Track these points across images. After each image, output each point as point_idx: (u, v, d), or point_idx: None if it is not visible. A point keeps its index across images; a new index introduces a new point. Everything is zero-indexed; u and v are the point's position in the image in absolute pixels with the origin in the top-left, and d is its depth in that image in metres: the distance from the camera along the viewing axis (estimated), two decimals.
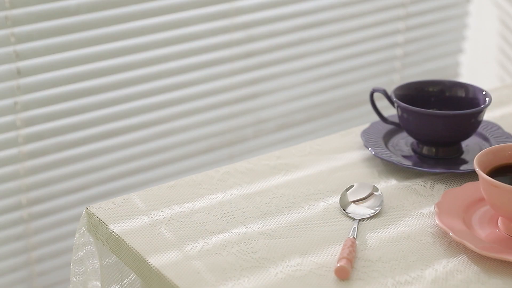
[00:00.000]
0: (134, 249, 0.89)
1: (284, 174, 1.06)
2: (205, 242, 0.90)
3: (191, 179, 1.04)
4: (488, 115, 1.20)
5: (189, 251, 0.89)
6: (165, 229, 0.93)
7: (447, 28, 2.05)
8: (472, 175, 1.03)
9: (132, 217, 0.95)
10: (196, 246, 0.90)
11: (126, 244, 0.90)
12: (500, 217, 0.92)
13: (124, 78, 1.62)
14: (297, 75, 1.86)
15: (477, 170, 0.89)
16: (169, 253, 0.88)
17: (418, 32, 2.00)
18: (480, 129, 1.12)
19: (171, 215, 0.96)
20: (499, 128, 1.12)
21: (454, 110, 1.09)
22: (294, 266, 0.86)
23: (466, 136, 1.07)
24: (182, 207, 0.98)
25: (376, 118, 1.35)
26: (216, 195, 1.00)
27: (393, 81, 2.00)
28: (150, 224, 0.94)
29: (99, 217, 0.95)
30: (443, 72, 2.08)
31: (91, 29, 1.55)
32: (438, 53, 2.05)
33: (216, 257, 0.88)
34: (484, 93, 1.09)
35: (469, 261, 0.87)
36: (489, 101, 1.06)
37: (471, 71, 2.11)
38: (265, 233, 0.92)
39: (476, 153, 0.98)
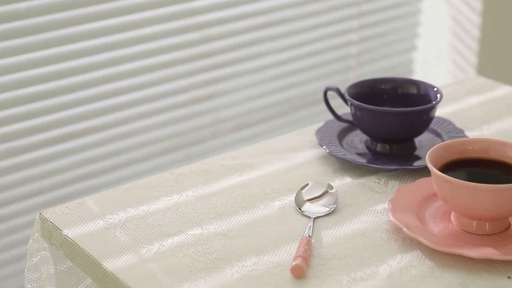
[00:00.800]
0: (88, 253, 0.88)
1: (240, 174, 1.06)
2: (161, 245, 0.90)
3: (146, 182, 1.03)
4: (440, 111, 1.22)
5: (145, 254, 0.88)
6: (120, 232, 0.92)
7: (400, 26, 2.07)
8: (425, 171, 1.04)
9: (87, 221, 0.94)
10: (152, 248, 0.89)
11: (81, 248, 0.89)
12: (452, 211, 0.93)
13: (77, 81, 1.61)
14: (253, 75, 1.86)
15: (429, 166, 0.90)
16: (124, 257, 0.88)
17: (372, 30, 2.01)
18: (432, 125, 1.13)
19: (126, 218, 0.95)
20: (450, 123, 1.13)
21: (406, 107, 1.10)
22: (250, 266, 0.86)
23: (419, 132, 1.08)
24: (137, 210, 0.97)
25: (331, 116, 1.36)
26: (171, 197, 1.00)
27: (348, 79, 2.01)
28: (105, 228, 0.93)
29: (52, 222, 0.94)
30: (397, 70, 2.10)
31: (42, 33, 1.53)
32: (391, 50, 2.07)
33: (171, 259, 0.87)
34: (435, 89, 1.10)
35: (423, 256, 0.88)
36: (440, 98, 1.07)
37: (425, 68, 2.13)
38: (221, 233, 0.92)
39: (429, 149, 0.99)
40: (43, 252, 0.96)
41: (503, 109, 1.24)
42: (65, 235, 0.92)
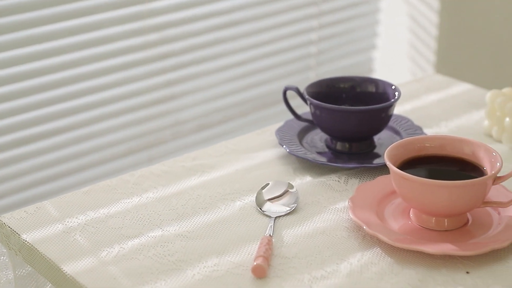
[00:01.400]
0: (48, 257, 0.88)
1: (200, 175, 1.05)
2: (121, 247, 0.90)
3: (105, 184, 1.03)
4: (399, 109, 1.23)
5: (105, 257, 0.88)
6: (80, 236, 0.92)
7: (360, 25, 2.08)
8: (385, 169, 1.05)
9: (46, 225, 0.93)
10: (112, 251, 0.89)
11: (40, 253, 0.89)
12: (411, 208, 0.93)
13: (36, 83, 1.59)
14: (213, 76, 1.86)
15: (388, 163, 0.91)
16: (84, 260, 0.87)
17: (331, 29, 2.02)
18: (391, 123, 1.14)
19: (86, 221, 0.94)
20: (409, 121, 1.14)
21: (365, 105, 1.10)
22: (211, 266, 0.86)
23: (378, 130, 1.08)
24: (97, 212, 0.96)
25: (292, 116, 1.36)
26: (131, 199, 1.00)
27: (308, 79, 2.02)
28: (64, 232, 0.92)
29: (10, 226, 0.93)
30: (358, 68, 2.11)
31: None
32: (351, 49, 2.08)
33: (132, 262, 0.87)
34: (393, 87, 1.11)
35: (383, 253, 0.88)
36: (399, 96, 1.08)
37: (384, 66, 2.15)
38: (182, 235, 0.92)
39: (388, 147, 0.99)
40: (2, 258, 0.95)
41: (461, 106, 1.25)
42: (23, 239, 0.91)
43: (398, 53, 2.12)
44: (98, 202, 0.99)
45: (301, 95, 1.10)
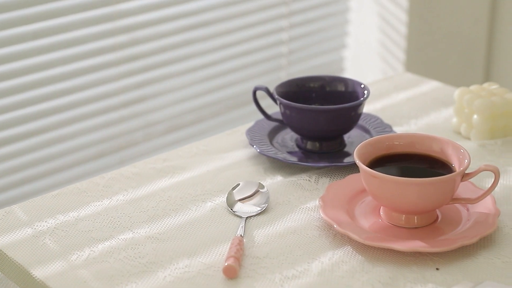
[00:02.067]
0: (17, 262, 0.87)
1: (171, 176, 1.05)
2: (91, 250, 0.89)
3: (75, 187, 1.02)
4: (369, 108, 1.23)
5: (75, 260, 0.87)
6: (50, 239, 0.91)
7: (330, 24, 2.08)
8: (355, 167, 1.05)
9: (15, 230, 0.93)
10: (82, 254, 0.88)
11: (9, 258, 0.88)
12: (382, 206, 0.94)
13: (4, 86, 1.58)
14: (184, 76, 1.85)
15: (357, 162, 0.91)
16: (54, 264, 0.86)
17: (302, 29, 2.03)
18: (361, 121, 1.15)
19: (56, 225, 0.94)
20: (378, 119, 1.15)
21: (335, 104, 1.11)
22: (182, 268, 0.86)
23: (348, 129, 1.09)
24: (67, 216, 0.96)
25: (262, 116, 1.36)
26: (101, 201, 0.99)
27: (280, 79, 2.02)
28: (33, 236, 0.92)
29: None
30: (329, 68, 2.12)
31: None
32: (322, 49, 2.09)
33: (102, 265, 0.87)
34: (362, 86, 1.11)
35: (354, 252, 0.88)
36: (368, 94, 1.08)
37: (355, 65, 2.16)
38: (153, 237, 0.92)
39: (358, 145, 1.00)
40: None
41: (430, 103, 1.26)
42: None
43: (369, 52, 2.13)
44: (68, 205, 0.98)
45: (270, 95, 1.11)
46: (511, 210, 0.96)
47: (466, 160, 0.90)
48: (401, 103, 1.27)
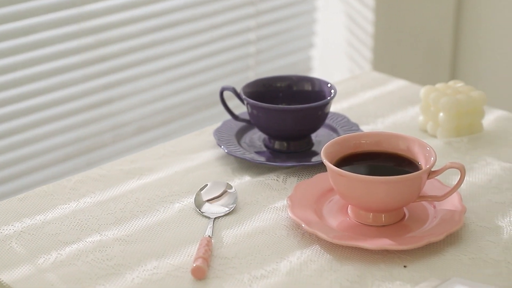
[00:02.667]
0: None
1: (139, 178, 1.05)
2: (59, 253, 0.88)
3: (42, 190, 1.01)
4: (336, 107, 1.24)
5: (42, 263, 0.87)
6: (16, 243, 0.90)
7: (297, 24, 2.09)
8: (323, 166, 1.06)
9: None
10: (49, 258, 0.88)
11: None
12: (349, 205, 0.94)
13: None
14: (152, 78, 1.85)
15: (325, 161, 0.91)
16: (20, 268, 0.86)
17: (269, 29, 2.03)
18: (328, 120, 1.15)
19: (22, 228, 0.93)
20: (345, 118, 1.15)
21: (302, 104, 1.11)
22: (151, 270, 0.86)
23: (315, 128, 1.09)
24: (34, 219, 0.95)
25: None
26: (69, 204, 0.98)
27: (248, 79, 2.02)
28: None
29: None
30: (296, 67, 2.12)
31: None
32: (290, 48, 2.09)
33: (70, 268, 0.86)
34: (329, 85, 1.11)
35: (322, 251, 0.89)
36: (334, 93, 1.09)
37: (323, 64, 2.16)
38: (120, 239, 0.91)
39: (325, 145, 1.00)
40: None
41: (396, 102, 1.27)
42: None
43: (336, 52, 2.14)
44: (34, 208, 0.97)
45: (238, 95, 1.11)
46: (477, 207, 0.97)
47: (432, 158, 0.91)
48: (368, 102, 1.27)
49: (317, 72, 2.16)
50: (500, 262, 0.86)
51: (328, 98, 1.08)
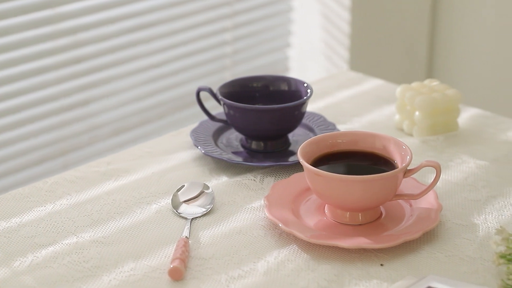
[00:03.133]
0: None
1: (115, 179, 1.04)
2: (35, 256, 0.88)
3: (17, 193, 1.00)
4: (313, 106, 1.24)
5: (18, 266, 0.86)
6: None
7: (273, 24, 2.09)
8: (300, 166, 1.06)
9: None
10: (25, 261, 0.87)
11: None
12: (326, 204, 0.94)
13: None
14: (128, 78, 1.84)
15: (301, 161, 0.92)
16: None
17: (245, 29, 2.03)
18: (305, 120, 1.15)
19: None
20: (321, 117, 1.16)
21: (278, 104, 1.11)
22: (128, 271, 0.85)
23: (292, 128, 1.09)
24: (9, 222, 0.94)
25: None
26: (44, 206, 0.98)
27: (225, 79, 2.02)
28: None
29: None
30: (273, 67, 2.12)
31: None
32: (266, 48, 2.09)
33: (46, 270, 0.85)
34: (305, 85, 1.12)
35: (300, 250, 0.89)
36: (311, 93, 1.09)
37: (300, 64, 2.17)
38: (97, 241, 0.91)
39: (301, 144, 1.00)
40: None
41: (372, 101, 1.27)
42: None
43: (313, 51, 2.14)
44: (10, 211, 0.96)
45: (214, 95, 1.10)
46: (453, 204, 0.97)
47: (408, 157, 0.92)
48: (344, 101, 1.28)
49: (294, 72, 2.16)
50: (476, 259, 0.87)
51: (305, 97, 1.08)
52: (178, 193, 0.99)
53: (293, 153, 1.09)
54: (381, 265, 0.86)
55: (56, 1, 1.66)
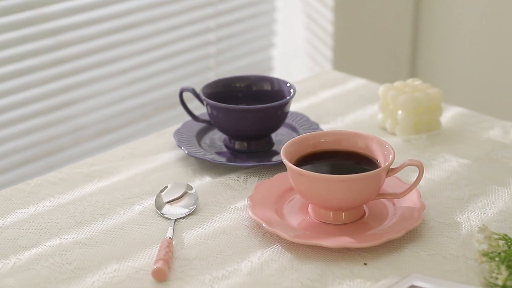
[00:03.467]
0: None
1: (98, 180, 1.04)
2: (17, 258, 0.87)
3: (0, 195, 1.00)
4: (296, 106, 1.24)
5: (0, 269, 0.85)
6: None
7: (257, 24, 2.09)
8: (283, 166, 1.06)
9: None
10: (8, 263, 0.87)
11: None
12: (310, 204, 0.95)
13: None
14: (111, 79, 1.84)
15: (284, 160, 0.92)
16: None
17: (229, 29, 2.03)
18: (288, 120, 1.15)
19: None
20: (304, 117, 1.16)
21: (261, 104, 1.11)
22: (111, 273, 0.85)
23: (275, 128, 1.09)
24: None
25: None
26: (27, 208, 0.97)
27: (209, 79, 2.02)
28: None
29: None
30: (257, 67, 2.12)
31: None
32: (250, 49, 2.09)
33: (29, 272, 0.85)
34: (288, 85, 1.12)
35: (283, 250, 0.89)
36: (294, 93, 1.09)
37: (284, 64, 2.17)
38: (80, 242, 0.91)
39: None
40: None
41: (356, 100, 1.28)
42: None
43: (297, 51, 2.14)
44: None
45: (197, 96, 1.10)
46: (436, 203, 0.98)
47: (390, 156, 0.92)
48: (327, 100, 1.28)
49: (278, 72, 2.16)
50: (459, 257, 0.87)
51: (288, 97, 1.08)
52: (162, 194, 0.99)
53: (276, 153, 1.09)
54: (365, 264, 0.86)
55: (39, 2, 1.65)
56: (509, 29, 2.00)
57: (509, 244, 0.83)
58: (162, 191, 0.99)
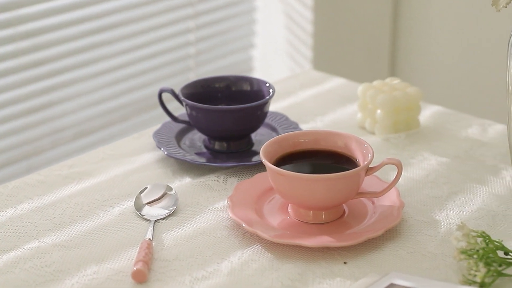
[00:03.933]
0: None
1: (78, 182, 1.03)
2: None
3: None
4: (276, 106, 1.24)
5: None
6: None
7: (237, 24, 2.09)
8: (263, 166, 1.06)
9: None
10: None
11: None
12: (289, 204, 0.95)
13: None
14: (91, 81, 1.83)
15: (264, 160, 0.92)
16: None
17: (209, 30, 2.03)
18: (268, 120, 1.15)
19: None
20: (283, 116, 1.16)
21: (241, 104, 1.11)
22: (91, 275, 0.85)
23: (254, 128, 1.09)
24: None
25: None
26: (5, 211, 0.97)
27: (188, 80, 2.01)
28: None
29: None
30: (237, 68, 2.12)
31: None
32: (230, 49, 2.09)
33: (7, 276, 0.84)
34: (268, 85, 1.12)
35: (263, 250, 0.89)
36: (273, 93, 1.09)
37: (264, 64, 2.17)
38: (59, 245, 0.90)
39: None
40: None
41: (335, 100, 1.28)
42: None
43: (277, 51, 2.14)
44: None
45: (176, 96, 1.10)
46: (415, 201, 0.98)
47: (369, 155, 0.92)
48: (307, 100, 1.28)
49: (258, 72, 2.16)
50: (438, 255, 0.88)
51: (267, 97, 1.08)
52: (141, 195, 0.98)
53: (256, 153, 1.09)
54: (345, 263, 0.87)
55: (15, 4, 1.64)
56: (487, 28, 2.02)
57: (487, 241, 0.84)
58: (141, 192, 0.99)
